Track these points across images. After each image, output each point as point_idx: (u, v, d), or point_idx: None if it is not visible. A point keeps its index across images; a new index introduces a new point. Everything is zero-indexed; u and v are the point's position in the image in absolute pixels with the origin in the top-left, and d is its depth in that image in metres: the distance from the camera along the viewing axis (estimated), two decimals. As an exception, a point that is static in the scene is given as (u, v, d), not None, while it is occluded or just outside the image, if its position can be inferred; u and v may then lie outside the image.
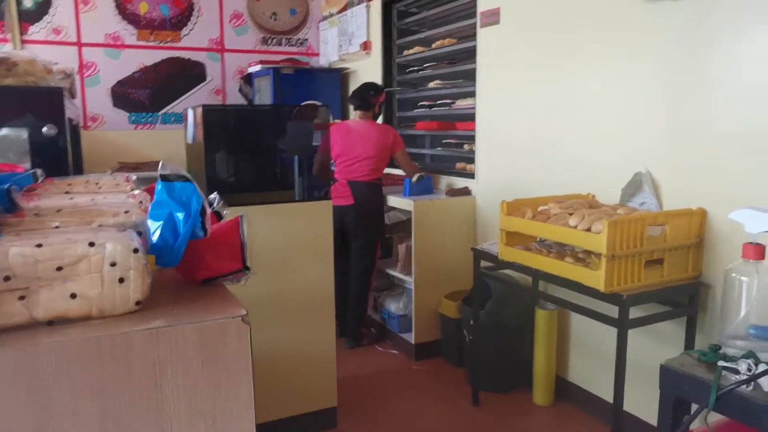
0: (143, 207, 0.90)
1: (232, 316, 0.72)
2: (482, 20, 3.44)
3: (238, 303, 0.77)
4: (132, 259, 0.71)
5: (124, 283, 0.71)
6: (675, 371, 1.49)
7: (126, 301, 0.72)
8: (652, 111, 2.48)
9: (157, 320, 0.71)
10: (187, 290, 0.85)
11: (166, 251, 0.78)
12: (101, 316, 0.71)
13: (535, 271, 2.49)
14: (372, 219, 3.69)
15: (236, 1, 5.29)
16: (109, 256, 0.70)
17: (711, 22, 2.22)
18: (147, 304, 0.74)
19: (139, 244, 0.73)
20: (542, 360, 3.01)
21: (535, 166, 3.12)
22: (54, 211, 0.86)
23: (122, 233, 0.74)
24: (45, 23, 4.67)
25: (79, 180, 1.35)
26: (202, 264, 0.86)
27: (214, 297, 0.81)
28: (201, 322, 0.71)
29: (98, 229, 0.76)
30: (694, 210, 2.29)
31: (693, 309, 2.30)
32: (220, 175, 2.74)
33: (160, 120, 5.15)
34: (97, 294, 0.70)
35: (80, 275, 0.69)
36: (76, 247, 0.69)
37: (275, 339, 2.57)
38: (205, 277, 0.87)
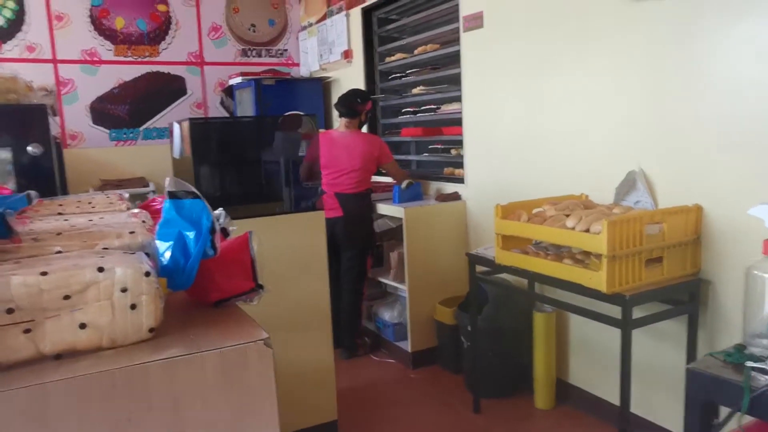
0: (148, 226, 0.85)
1: (254, 340, 0.68)
2: (465, 24, 3.43)
3: (257, 325, 0.73)
4: (144, 283, 0.66)
5: (137, 310, 0.66)
6: (702, 374, 1.45)
7: (139, 328, 0.67)
8: (642, 108, 2.48)
9: (174, 348, 0.66)
10: (201, 313, 0.80)
11: (178, 273, 0.73)
12: (113, 346, 0.66)
13: (533, 274, 2.47)
14: (362, 230, 3.65)
15: (214, 13, 5.23)
16: (120, 281, 0.65)
17: (699, 18, 2.22)
18: (161, 330, 0.69)
19: (150, 267, 0.68)
20: (542, 363, 2.98)
21: (525, 168, 3.11)
22: (54, 235, 0.80)
23: (132, 256, 0.69)
24: (18, 40, 4.56)
25: (70, 200, 1.29)
26: (213, 285, 0.81)
27: (230, 319, 0.77)
28: (221, 348, 0.66)
29: (104, 253, 0.71)
30: (691, 207, 2.28)
31: (694, 306, 2.29)
32: (209, 189, 2.68)
33: (142, 135, 5.06)
34: (107, 323, 0.65)
35: (89, 303, 0.64)
36: (84, 273, 0.64)
37: (272, 355, 2.50)
38: (218, 299, 0.82)
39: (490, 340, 3.06)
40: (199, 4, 5.17)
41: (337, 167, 3.58)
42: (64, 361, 0.63)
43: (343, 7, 4.71)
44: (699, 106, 2.26)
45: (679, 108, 2.33)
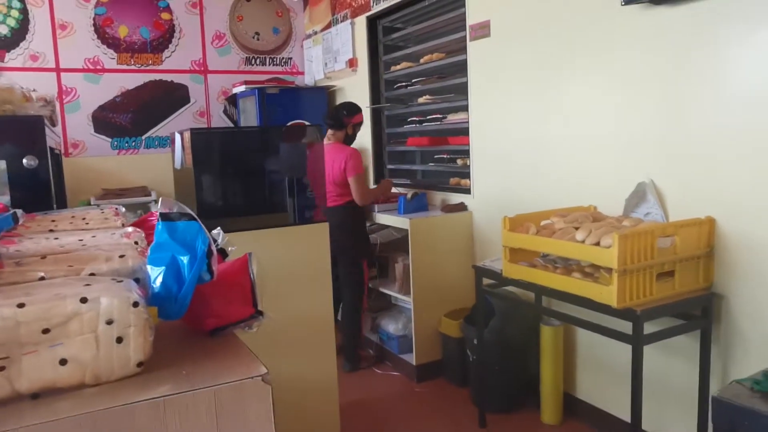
0: (140, 248, 0.80)
1: (251, 376, 0.62)
2: (472, 33, 3.39)
3: (255, 359, 0.67)
4: (131, 314, 0.61)
5: (123, 343, 0.61)
6: (729, 404, 1.39)
7: (125, 363, 0.62)
8: (652, 118, 2.42)
9: (164, 385, 0.61)
10: (195, 343, 0.75)
11: (170, 301, 0.68)
12: (97, 383, 0.60)
13: (541, 288, 2.41)
14: (351, 241, 3.59)
15: (218, 21, 5.21)
16: (105, 312, 0.60)
17: (711, 28, 2.17)
18: (150, 364, 0.64)
19: (138, 296, 0.63)
20: (549, 377, 2.92)
21: (533, 179, 3.05)
22: (38, 258, 0.75)
23: (119, 284, 0.64)
24: (22, 50, 4.55)
25: (64, 215, 1.24)
26: (209, 311, 0.76)
27: (227, 351, 0.71)
28: (216, 386, 0.61)
29: (90, 280, 0.66)
30: (703, 219, 2.23)
31: (707, 321, 2.23)
32: (211, 200, 2.63)
33: (144, 144, 5.03)
34: (91, 357, 0.60)
35: (71, 337, 0.59)
36: (65, 305, 0.59)
37: (274, 369, 2.44)
38: (214, 327, 0.77)
39: (496, 353, 3.00)
40: (203, 12, 5.15)
41: (325, 179, 3.53)
42: (43, 400, 0.58)
43: (348, 16, 4.68)
44: (710, 115, 2.20)
45: (690, 118, 2.28)
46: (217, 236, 0.85)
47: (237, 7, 5.28)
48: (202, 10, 5.14)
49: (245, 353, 0.70)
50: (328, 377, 2.62)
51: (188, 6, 5.09)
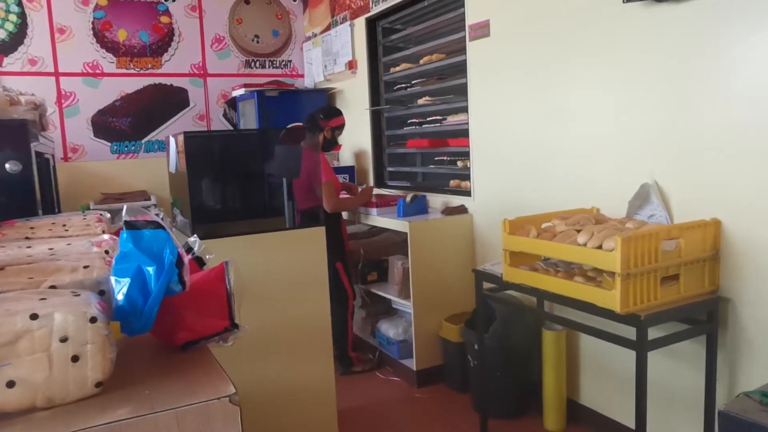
0: (109, 258, 0.76)
1: (218, 397, 0.58)
2: (471, 34, 3.34)
3: (224, 377, 0.63)
4: (89, 330, 0.57)
5: (80, 362, 0.57)
6: (737, 419, 1.32)
7: (82, 384, 0.57)
8: (655, 119, 2.37)
9: (123, 408, 0.56)
10: (164, 359, 0.70)
11: (135, 315, 0.64)
12: (50, 405, 0.56)
13: (543, 292, 2.36)
14: None
15: (217, 24, 5.18)
16: (59, 329, 0.55)
17: (714, 26, 2.12)
18: (111, 384, 0.60)
19: (98, 311, 0.58)
20: (552, 383, 2.87)
21: (534, 180, 3.00)
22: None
23: (76, 298, 0.60)
24: (20, 54, 4.53)
25: (44, 222, 1.20)
26: (181, 324, 0.71)
27: (196, 368, 0.67)
28: (178, 408, 0.56)
29: (47, 293, 0.62)
30: (708, 221, 2.17)
31: (713, 326, 2.17)
32: (206, 204, 2.59)
33: (144, 148, 5.00)
34: (43, 378, 0.55)
35: (20, 356, 0.54)
36: (14, 321, 0.54)
37: (270, 375, 2.42)
38: (186, 341, 0.72)
39: (497, 358, 2.95)
40: (202, 16, 5.12)
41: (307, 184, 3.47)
42: (-11, 426, 0.54)
43: (348, 17, 4.64)
44: (715, 115, 2.15)
45: (695, 118, 2.22)
46: (193, 244, 0.80)
47: (236, 10, 5.25)
48: (201, 13, 5.12)
49: (215, 371, 0.65)
50: (326, 382, 2.58)
51: (187, 9, 5.06)
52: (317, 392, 2.56)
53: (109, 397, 0.59)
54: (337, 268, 3.61)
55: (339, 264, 3.62)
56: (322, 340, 2.56)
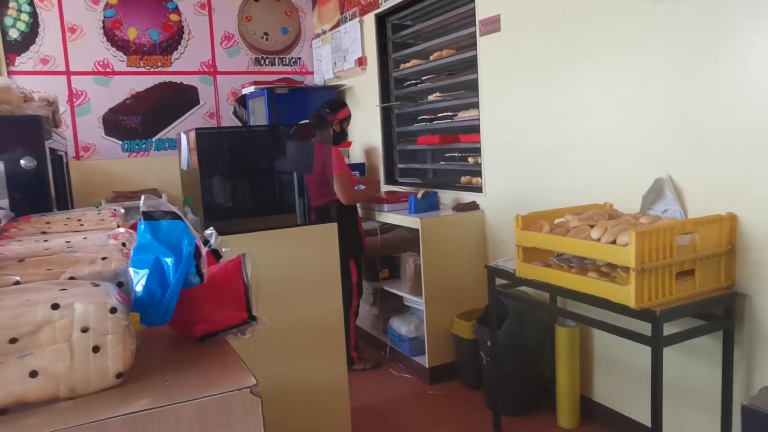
0: (126, 251, 0.75)
1: (239, 388, 0.57)
2: (482, 29, 3.32)
3: (244, 368, 0.62)
4: (109, 321, 0.57)
5: (100, 353, 0.56)
6: (762, 413, 1.30)
7: (103, 374, 0.57)
8: (668, 112, 2.35)
9: (144, 399, 0.56)
10: (182, 350, 0.70)
11: (154, 306, 0.63)
12: (72, 396, 0.56)
13: (556, 288, 2.34)
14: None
15: (226, 22, 5.19)
16: (79, 319, 0.55)
17: (728, 18, 2.09)
18: (131, 375, 0.59)
19: (117, 301, 0.58)
20: (565, 379, 2.85)
21: (546, 176, 2.98)
22: (15, 262, 0.71)
23: (96, 288, 0.59)
24: (32, 53, 4.55)
25: (59, 217, 1.21)
26: (199, 316, 0.71)
27: (214, 360, 0.66)
28: (199, 399, 0.56)
29: (66, 284, 0.62)
30: (724, 215, 2.15)
31: (729, 321, 2.15)
32: (217, 201, 2.60)
33: (154, 146, 5.02)
34: (65, 369, 0.55)
35: (42, 347, 0.54)
36: (36, 311, 0.54)
37: (283, 373, 2.41)
38: (204, 333, 0.72)
39: (510, 355, 2.93)
40: (212, 13, 5.13)
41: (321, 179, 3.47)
42: (11, 416, 0.53)
43: (357, 14, 4.63)
44: (729, 108, 2.12)
45: (708, 111, 2.20)
46: (210, 236, 0.80)
47: (245, 7, 5.26)
48: (210, 11, 5.12)
49: (234, 362, 0.65)
50: (339, 379, 2.58)
51: (197, 7, 5.07)
52: (330, 390, 2.56)
53: (129, 387, 0.59)
54: (348, 265, 3.61)
55: (351, 261, 3.62)
56: (334, 338, 2.55)
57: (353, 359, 3.67)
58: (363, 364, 3.71)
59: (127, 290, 0.66)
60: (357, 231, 3.70)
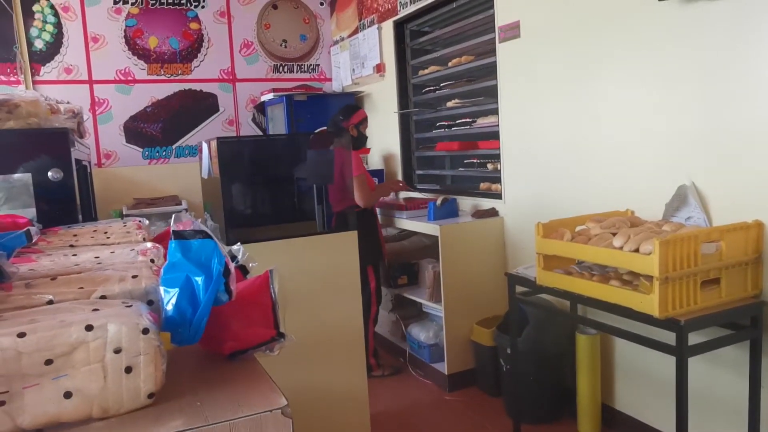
0: (155, 267, 0.76)
1: (270, 409, 0.57)
2: (501, 35, 3.31)
3: (275, 388, 0.62)
4: (141, 341, 0.57)
5: (133, 373, 0.57)
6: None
7: (136, 394, 0.57)
8: (692, 118, 2.32)
9: (177, 420, 0.56)
10: (212, 368, 0.70)
11: (184, 326, 0.64)
12: (105, 416, 0.56)
13: (578, 296, 2.32)
14: None
15: (245, 30, 5.23)
16: (112, 340, 0.56)
17: (751, 21, 2.06)
18: (162, 395, 0.60)
19: (149, 322, 0.59)
20: (586, 388, 2.82)
21: (566, 182, 2.96)
22: (48, 280, 0.72)
23: (128, 309, 0.60)
24: (56, 63, 4.63)
25: (86, 229, 1.22)
26: (228, 334, 0.71)
27: (245, 379, 0.67)
28: (231, 420, 0.56)
29: (99, 304, 0.62)
30: (750, 223, 2.11)
31: (756, 331, 2.11)
32: (237, 209, 2.61)
33: (174, 154, 5.08)
34: (98, 389, 0.56)
35: (76, 367, 0.55)
36: (70, 333, 0.55)
37: (304, 380, 2.42)
38: (233, 350, 0.72)
39: (530, 362, 2.91)
40: (231, 21, 5.17)
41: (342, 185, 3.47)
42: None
43: (375, 21, 4.65)
44: (755, 114, 2.09)
45: (733, 117, 2.16)
46: (237, 252, 0.80)
47: (264, 15, 5.30)
48: (230, 19, 5.17)
49: (265, 381, 0.65)
50: (359, 387, 2.58)
51: (216, 15, 5.12)
52: (350, 397, 2.56)
53: (161, 408, 0.59)
54: (366, 272, 3.61)
55: (370, 267, 3.62)
56: (354, 345, 2.56)
57: (372, 366, 3.66)
58: (382, 370, 3.70)
59: (157, 308, 0.66)
60: (377, 237, 3.70)
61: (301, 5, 5.44)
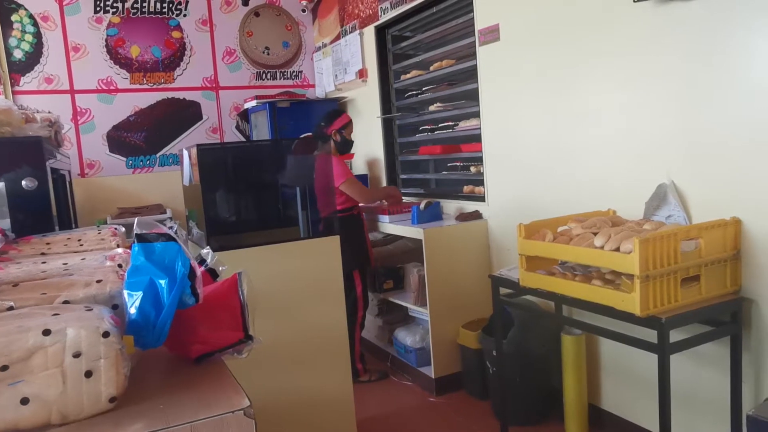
0: (122, 272, 0.75)
1: (232, 410, 0.57)
2: (481, 38, 3.33)
3: (239, 390, 0.62)
4: (102, 345, 0.57)
5: (93, 377, 0.56)
6: (766, 423, 1.28)
7: (96, 399, 0.57)
8: (670, 118, 2.34)
9: (137, 423, 0.55)
10: (178, 372, 0.69)
11: (148, 329, 0.63)
12: (64, 422, 0.56)
13: (560, 297, 2.33)
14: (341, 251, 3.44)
15: (228, 38, 5.22)
16: (71, 344, 0.55)
17: (729, 21, 2.08)
18: (125, 398, 0.59)
19: (110, 325, 0.58)
20: (572, 388, 2.82)
21: (549, 184, 2.98)
22: (10, 286, 0.71)
23: (88, 313, 0.59)
24: (36, 73, 4.59)
25: (60, 237, 1.21)
26: (195, 337, 0.71)
27: (210, 381, 0.66)
28: (192, 422, 0.56)
29: (59, 309, 0.62)
30: (728, 220, 2.13)
31: (736, 327, 2.13)
32: (220, 216, 2.60)
33: (158, 162, 5.05)
34: (57, 395, 0.55)
35: (34, 373, 0.54)
36: (27, 338, 0.54)
37: (288, 386, 2.41)
38: (200, 353, 0.71)
39: (516, 364, 2.92)
40: (213, 29, 5.16)
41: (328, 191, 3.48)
42: (4, 444, 0.53)
43: (357, 26, 4.66)
44: (731, 112, 2.12)
45: (710, 115, 2.19)
46: (206, 255, 0.80)
47: (246, 22, 5.29)
48: (212, 27, 5.16)
49: (229, 384, 0.65)
50: (344, 392, 2.57)
51: (198, 24, 5.11)
52: (335, 402, 2.55)
53: (123, 412, 0.59)
54: (353, 276, 3.61)
55: (356, 272, 3.61)
56: (339, 350, 2.55)
57: (358, 371, 3.65)
58: (368, 375, 3.69)
59: (121, 313, 0.66)
60: (364, 242, 3.69)
61: (283, 12, 5.44)
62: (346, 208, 3.62)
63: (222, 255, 2.30)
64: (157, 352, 0.74)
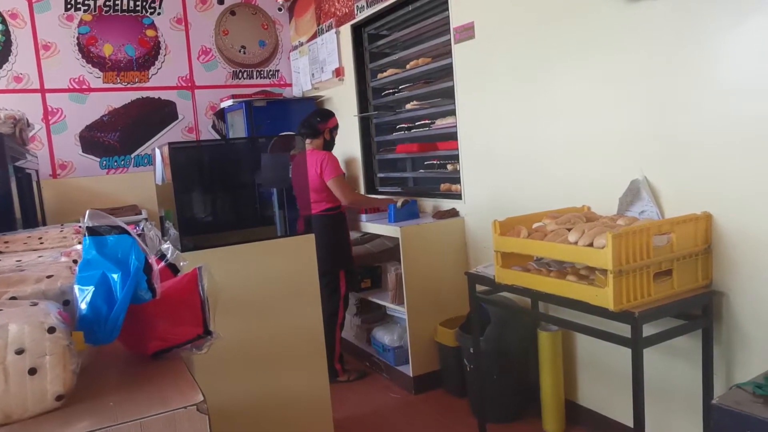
0: (75, 268, 0.73)
1: (185, 406, 0.55)
2: (456, 36, 3.33)
3: (193, 385, 0.60)
4: (47, 341, 0.54)
5: (38, 375, 0.54)
6: (731, 412, 1.29)
7: (42, 397, 0.54)
8: (642, 114, 2.36)
9: (84, 421, 0.53)
10: (133, 369, 0.67)
11: (99, 324, 0.61)
12: (7, 422, 0.53)
13: (536, 293, 2.34)
14: (327, 250, 3.45)
15: (203, 36, 5.17)
16: (14, 341, 0.53)
17: (699, 19, 2.11)
18: (75, 396, 0.57)
19: (57, 320, 0.56)
20: (549, 384, 2.84)
21: (524, 181, 2.99)
22: (-44, 284, 0.68)
23: (33, 308, 0.57)
24: (5, 72, 4.50)
25: (20, 236, 1.18)
26: (152, 333, 0.69)
27: (165, 377, 0.64)
28: (142, 419, 0.54)
29: (3, 304, 0.59)
30: (699, 215, 2.16)
31: (708, 320, 2.15)
32: (193, 215, 2.57)
33: (133, 163, 4.98)
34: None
35: (-26, 371, 0.52)
36: (-33, 334, 0.52)
37: (264, 387, 2.38)
38: (157, 349, 0.69)
39: (494, 361, 2.92)
40: (188, 28, 5.10)
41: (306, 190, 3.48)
42: (-59, 445, 0.51)
43: (333, 25, 4.64)
44: (702, 109, 2.14)
45: (681, 112, 2.21)
46: (167, 251, 0.78)
47: (222, 21, 5.24)
48: (187, 26, 5.10)
49: (184, 379, 0.63)
50: (321, 392, 2.55)
51: (173, 22, 5.05)
52: (312, 402, 2.53)
53: (70, 410, 0.57)
54: (338, 276, 3.59)
55: (342, 273, 3.60)
56: (315, 350, 2.53)
57: (337, 372, 3.63)
58: (347, 375, 3.68)
59: (72, 309, 0.64)
60: (347, 242, 3.68)
61: (259, 11, 5.40)
62: (333, 207, 3.60)
63: (196, 255, 2.28)
64: (114, 349, 0.72)
